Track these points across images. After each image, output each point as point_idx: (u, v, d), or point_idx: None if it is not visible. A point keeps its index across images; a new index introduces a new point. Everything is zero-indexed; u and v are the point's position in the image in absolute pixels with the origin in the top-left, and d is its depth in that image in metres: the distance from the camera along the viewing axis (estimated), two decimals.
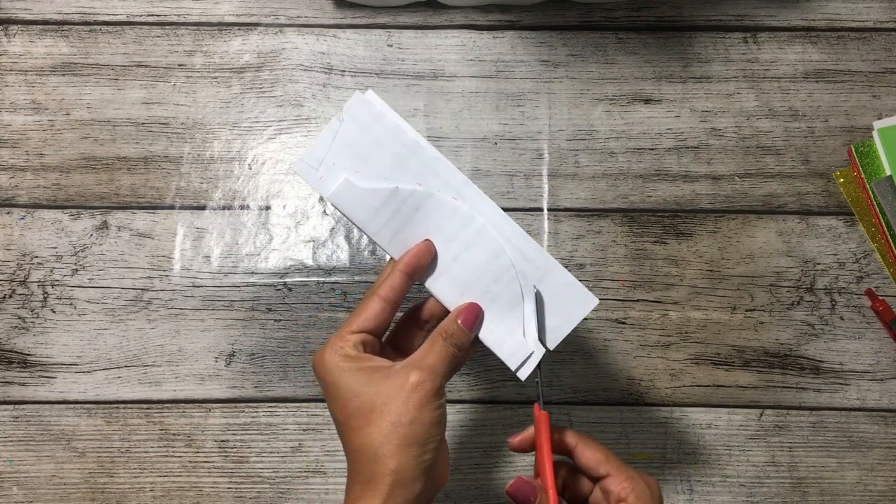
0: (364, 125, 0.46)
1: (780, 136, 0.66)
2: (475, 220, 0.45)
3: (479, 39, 0.67)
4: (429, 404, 0.40)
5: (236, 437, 0.61)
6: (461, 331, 0.44)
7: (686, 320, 0.63)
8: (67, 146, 0.65)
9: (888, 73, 0.66)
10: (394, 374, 0.41)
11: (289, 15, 0.68)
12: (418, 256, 0.45)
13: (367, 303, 0.44)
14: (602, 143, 0.65)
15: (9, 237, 0.64)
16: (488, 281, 0.46)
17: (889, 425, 0.61)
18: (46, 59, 0.67)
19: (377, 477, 0.39)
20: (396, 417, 0.40)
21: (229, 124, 0.66)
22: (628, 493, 0.43)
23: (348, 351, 0.42)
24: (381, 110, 0.46)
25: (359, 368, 0.41)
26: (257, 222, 0.64)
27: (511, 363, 0.46)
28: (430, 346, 0.43)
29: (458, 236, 0.46)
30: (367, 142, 0.46)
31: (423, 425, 0.40)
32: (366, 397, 0.41)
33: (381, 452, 0.39)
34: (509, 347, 0.45)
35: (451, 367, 0.43)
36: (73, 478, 0.61)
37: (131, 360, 0.62)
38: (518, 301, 0.45)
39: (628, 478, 0.43)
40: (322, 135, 0.46)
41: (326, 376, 0.42)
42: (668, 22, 0.68)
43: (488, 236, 0.45)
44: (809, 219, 0.64)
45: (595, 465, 0.44)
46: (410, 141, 0.46)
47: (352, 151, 0.46)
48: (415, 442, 0.40)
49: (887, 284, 0.63)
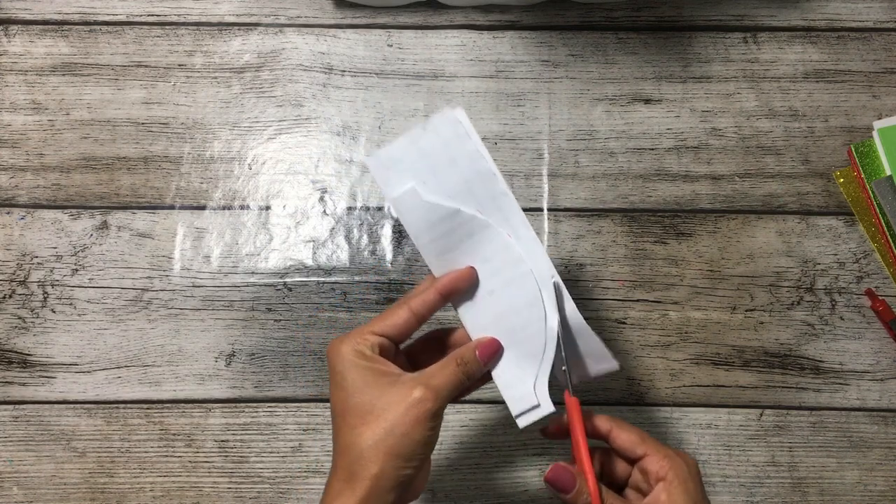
0: (446, 141, 0.45)
1: (780, 136, 0.66)
2: (523, 264, 0.45)
3: (479, 39, 0.67)
4: (424, 423, 0.41)
5: (236, 437, 0.61)
6: (476, 362, 0.44)
7: (686, 320, 0.63)
8: (67, 146, 0.65)
9: (888, 73, 0.66)
10: (399, 384, 0.42)
11: (289, 15, 0.68)
12: (458, 281, 0.45)
13: (396, 311, 0.44)
14: (602, 143, 0.65)
15: (9, 237, 0.64)
16: (517, 325, 0.45)
17: (889, 425, 0.61)
18: (46, 59, 0.67)
19: (357, 478, 0.40)
20: (390, 426, 0.40)
21: (229, 124, 0.66)
22: (667, 472, 0.43)
23: (364, 349, 0.43)
24: (466, 132, 0.45)
25: (369, 368, 0.42)
26: (257, 222, 0.64)
27: (514, 408, 0.45)
28: (442, 367, 0.43)
29: (502, 273, 0.46)
30: (444, 158, 0.46)
31: (413, 441, 0.40)
32: (367, 397, 0.41)
33: (367, 455, 0.40)
34: (517, 392, 0.45)
35: (456, 392, 0.43)
36: (73, 478, 0.61)
37: (131, 360, 0.62)
38: (539, 354, 0.45)
39: (665, 456, 0.43)
40: (402, 138, 0.46)
41: (337, 366, 0.43)
42: (668, 22, 0.68)
43: (530, 283, 0.45)
44: (809, 219, 0.64)
45: (631, 446, 0.44)
46: (486, 170, 0.45)
47: (426, 162, 0.46)
48: (401, 454, 0.40)
49: (887, 284, 0.63)
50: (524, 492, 0.61)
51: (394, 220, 0.65)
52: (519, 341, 0.45)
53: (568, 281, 0.63)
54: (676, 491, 0.42)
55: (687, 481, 0.43)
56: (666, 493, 0.42)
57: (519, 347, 0.45)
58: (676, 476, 0.43)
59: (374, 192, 0.65)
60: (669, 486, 0.43)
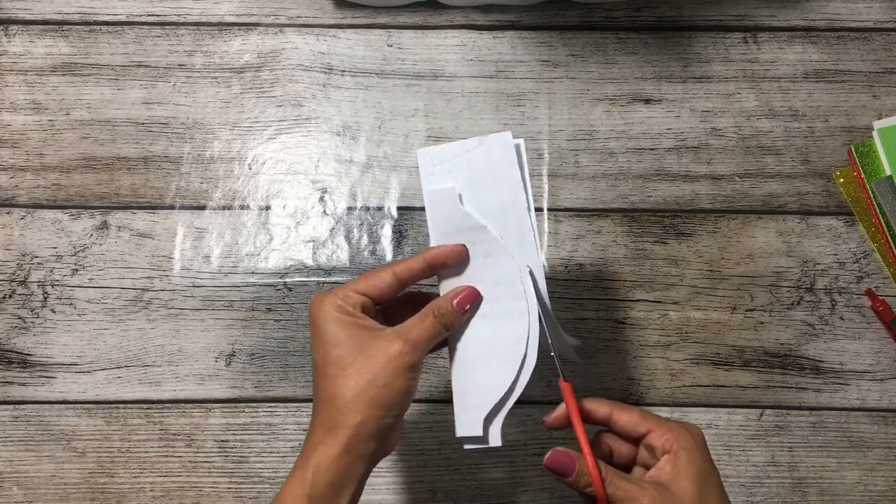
0: (495, 161, 0.46)
1: (780, 136, 0.66)
2: (524, 302, 0.45)
3: (479, 39, 0.67)
4: (404, 374, 0.42)
5: (236, 437, 0.61)
6: (454, 311, 0.45)
7: (686, 320, 0.63)
8: (67, 146, 0.65)
9: (888, 73, 0.66)
10: (380, 338, 0.43)
11: (289, 15, 0.68)
12: (446, 254, 0.46)
13: (380, 273, 0.45)
14: (602, 143, 0.65)
15: (9, 237, 0.64)
16: (497, 356, 0.45)
17: (889, 425, 0.61)
18: (46, 59, 0.67)
19: (339, 427, 0.41)
20: (372, 377, 0.41)
21: (229, 124, 0.66)
22: (672, 444, 0.43)
23: (346, 306, 0.44)
24: (517, 160, 0.46)
25: (351, 323, 0.43)
26: (257, 222, 0.64)
27: (460, 429, 0.46)
28: (420, 319, 0.44)
29: (501, 303, 0.46)
30: (489, 176, 0.46)
31: (394, 391, 0.42)
32: (348, 350, 0.42)
33: (349, 406, 0.41)
34: (468, 416, 0.45)
35: (433, 343, 0.44)
36: (73, 478, 0.61)
37: (131, 360, 0.62)
38: (504, 389, 0.45)
39: (669, 429, 0.43)
40: (456, 143, 0.47)
41: (319, 320, 0.44)
42: (668, 22, 0.68)
43: (523, 323, 0.45)
44: (809, 219, 0.64)
45: (633, 425, 0.44)
46: (522, 202, 0.46)
47: (470, 174, 0.47)
48: (382, 404, 0.41)
49: (887, 284, 0.63)
50: (524, 492, 0.61)
51: (394, 221, 0.65)
52: (492, 373, 0.45)
53: (568, 281, 0.63)
54: (682, 461, 0.42)
55: (692, 451, 0.43)
56: (671, 464, 0.42)
57: (490, 379, 0.45)
58: (681, 447, 0.43)
59: (374, 192, 0.65)
60: (675, 458, 0.42)
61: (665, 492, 0.41)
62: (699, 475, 0.42)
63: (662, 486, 0.42)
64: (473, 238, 0.46)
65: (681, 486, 0.42)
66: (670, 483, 0.42)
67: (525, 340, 0.45)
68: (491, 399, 0.45)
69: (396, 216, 0.65)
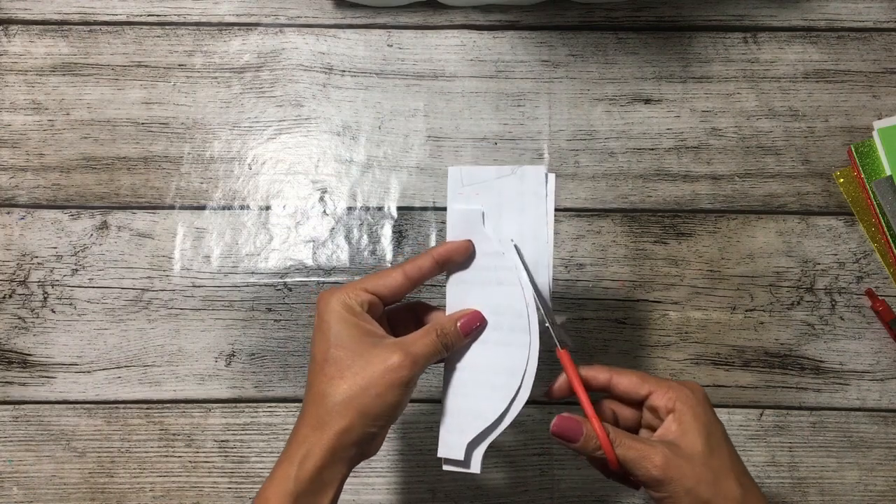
0: (524, 192, 0.46)
1: (780, 136, 0.66)
2: (527, 336, 0.45)
3: (479, 39, 0.67)
4: (398, 388, 0.42)
5: (236, 437, 0.61)
6: (456, 333, 0.45)
7: (686, 320, 0.63)
8: (67, 146, 0.65)
9: (888, 73, 0.66)
10: (381, 346, 0.43)
11: (289, 15, 0.68)
12: (454, 251, 0.46)
13: (391, 272, 0.45)
14: (602, 143, 0.65)
15: (9, 237, 0.64)
16: (491, 384, 0.45)
17: (889, 425, 0.61)
18: (46, 59, 0.67)
19: (325, 428, 0.41)
20: (366, 385, 0.41)
21: (229, 124, 0.66)
22: (674, 402, 0.43)
23: (353, 304, 0.44)
24: (547, 194, 0.46)
25: (355, 324, 0.43)
26: (257, 222, 0.64)
27: (442, 450, 0.46)
28: (423, 336, 0.44)
29: (504, 331, 0.46)
30: (515, 206, 0.46)
31: (384, 402, 0.42)
32: (348, 352, 0.42)
33: (338, 409, 0.41)
34: (452, 438, 0.46)
35: (432, 361, 0.44)
36: (73, 478, 0.61)
37: (131, 360, 0.62)
38: (492, 418, 0.45)
39: (669, 388, 0.44)
40: (490, 167, 0.47)
41: (324, 315, 0.44)
42: (668, 22, 0.68)
43: (522, 357, 0.45)
44: (809, 219, 0.64)
45: (634, 388, 0.45)
46: (544, 236, 0.46)
47: (497, 199, 0.47)
48: (370, 413, 0.41)
49: (887, 284, 0.63)
50: (524, 492, 0.61)
51: (394, 221, 0.65)
52: (482, 398, 0.45)
53: (568, 281, 0.63)
54: (686, 417, 0.43)
55: (695, 406, 0.43)
56: (677, 422, 0.43)
57: (482, 400, 0.45)
58: (684, 404, 0.43)
59: (374, 192, 0.65)
60: (679, 416, 0.43)
61: (675, 448, 0.42)
62: (705, 429, 0.43)
63: (671, 443, 0.42)
64: (489, 263, 0.46)
65: (689, 441, 0.42)
66: (678, 440, 0.42)
67: (521, 374, 0.45)
68: (478, 426, 0.45)
69: (396, 216, 0.65)
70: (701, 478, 0.41)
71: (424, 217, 0.65)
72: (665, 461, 0.41)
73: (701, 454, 0.42)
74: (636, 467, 0.42)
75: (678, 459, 0.41)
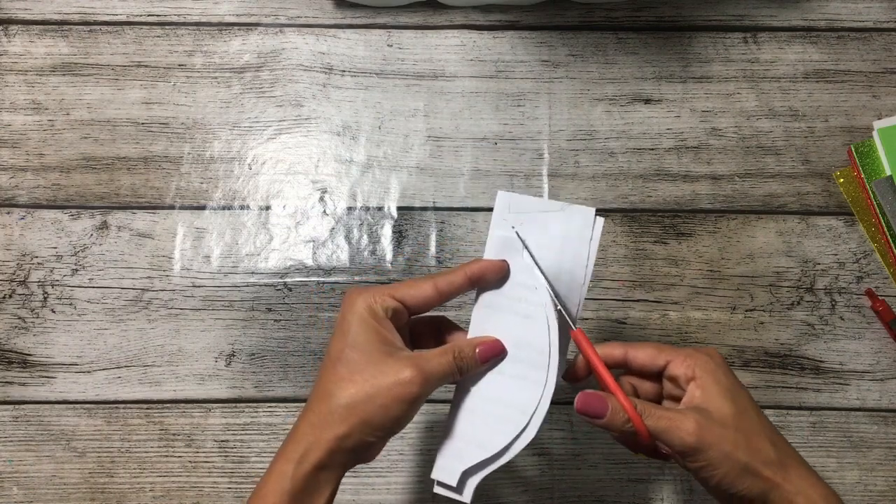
0: (570, 232, 0.46)
1: (780, 136, 0.66)
2: (544, 375, 0.44)
3: (479, 39, 0.67)
4: (405, 403, 0.41)
5: (236, 437, 0.61)
6: (473, 359, 0.44)
7: (686, 320, 0.63)
8: (67, 146, 0.65)
9: (888, 73, 0.66)
10: (395, 358, 0.42)
11: (289, 15, 0.68)
12: (488, 269, 0.45)
13: (421, 283, 0.45)
14: (602, 143, 0.65)
15: (9, 237, 0.64)
16: (497, 416, 0.45)
17: (889, 425, 0.61)
18: (46, 59, 0.67)
19: (326, 427, 0.41)
20: (373, 394, 0.41)
21: (229, 124, 0.66)
22: (693, 369, 0.43)
23: (378, 309, 0.43)
24: (591, 238, 0.46)
25: (374, 329, 0.42)
26: (257, 222, 0.64)
27: (437, 472, 0.45)
28: (439, 355, 0.43)
29: (522, 365, 0.45)
30: (557, 244, 0.46)
31: (387, 415, 0.41)
32: (362, 356, 0.42)
33: (340, 412, 0.41)
34: (448, 462, 0.45)
35: (444, 382, 0.44)
36: (73, 478, 0.61)
37: (131, 360, 0.62)
38: (492, 451, 0.44)
39: (687, 356, 0.43)
40: (540, 200, 0.46)
41: (346, 314, 0.43)
42: (668, 22, 0.68)
43: (535, 394, 0.44)
44: (809, 219, 0.64)
45: (651, 360, 0.44)
46: (580, 278, 0.46)
47: (540, 233, 0.46)
48: (372, 423, 0.41)
49: (887, 284, 0.63)
50: (524, 492, 0.61)
51: (394, 221, 0.65)
52: (489, 427, 0.45)
53: None
54: (709, 383, 0.42)
55: (716, 372, 0.43)
56: (700, 389, 0.42)
57: (481, 432, 0.45)
58: (704, 371, 0.42)
59: (374, 192, 0.65)
60: (701, 382, 0.42)
61: (705, 412, 0.41)
62: (729, 393, 0.42)
63: (700, 409, 0.41)
64: (521, 294, 0.46)
65: (716, 405, 0.41)
66: (705, 405, 0.42)
67: (531, 413, 0.44)
68: (477, 455, 0.44)
69: (396, 216, 0.65)
70: (736, 441, 0.40)
71: (424, 217, 0.65)
72: (698, 427, 0.40)
73: (731, 417, 0.41)
74: (669, 436, 0.41)
75: (711, 424, 0.40)
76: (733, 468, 0.40)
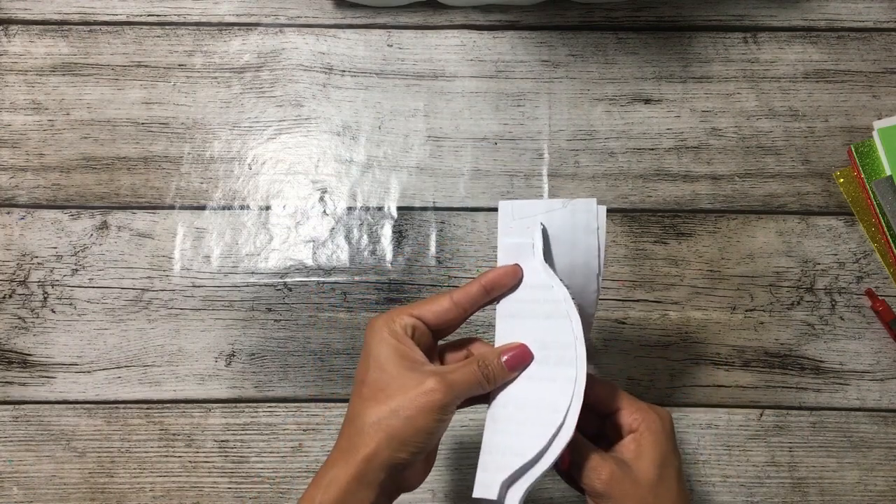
0: (576, 225, 0.46)
1: (780, 136, 0.66)
2: (574, 370, 0.42)
3: (479, 39, 0.67)
4: (430, 413, 0.40)
5: (236, 437, 0.61)
6: (499, 366, 0.43)
7: (686, 320, 0.63)
8: (67, 146, 0.65)
9: (888, 73, 0.66)
10: (418, 371, 0.42)
11: (289, 15, 0.68)
12: (502, 276, 0.45)
13: (438, 298, 0.44)
14: (602, 143, 0.65)
15: (9, 237, 0.64)
16: (532, 420, 0.43)
17: (889, 425, 0.61)
18: (46, 59, 0.67)
19: (353, 450, 0.40)
20: (396, 408, 0.40)
21: (229, 124, 0.66)
22: (639, 424, 0.43)
23: (396, 328, 0.43)
24: (598, 227, 0.46)
25: (395, 347, 0.42)
26: (257, 222, 0.64)
27: (477, 489, 0.42)
28: (464, 365, 0.43)
29: (550, 365, 0.43)
30: (566, 239, 0.46)
31: (414, 427, 0.40)
32: (385, 375, 0.42)
33: (366, 431, 0.40)
34: (488, 476, 0.42)
35: (471, 392, 0.43)
36: (73, 478, 0.61)
37: (131, 360, 0.62)
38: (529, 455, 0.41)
39: (638, 409, 0.43)
40: (540, 201, 0.46)
41: (369, 338, 0.43)
42: (668, 22, 0.68)
43: (567, 391, 0.42)
44: (809, 219, 0.64)
45: (605, 400, 0.44)
46: (593, 267, 0.46)
47: (549, 232, 0.46)
48: (398, 437, 0.40)
49: (887, 284, 0.63)
50: None
51: (394, 221, 0.65)
52: (524, 433, 0.42)
53: None
54: (646, 442, 0.42)
55: (658, 433, 0.43)
56: (636, 443, 0.43)
57: (521, 436, 0.42)
58: (648, 428, 0.43)
59: (374, 192, 0.65)
60: (640, 437, 0.43)
61: (625, 468, 0.42)
62: (661, 458, 0.42)
63: (624, 463, 0.42)
64: (538, 296, 0.45)
65: (641, 466, 0.42)
66: (632, 461, 0.42)
67: (565, 410, 0.42)
68: (515, 462, 0.41)
69: (396, 216, 0.65)
70: (642, 501, 0.41)
71: (424, 217, 0.65)
72: (610, 477, 0.41)
73: (650, 481, 0.41)
74: (583, 475, 0.42)
75: (625, 480, 0.41)
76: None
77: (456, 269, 0.64)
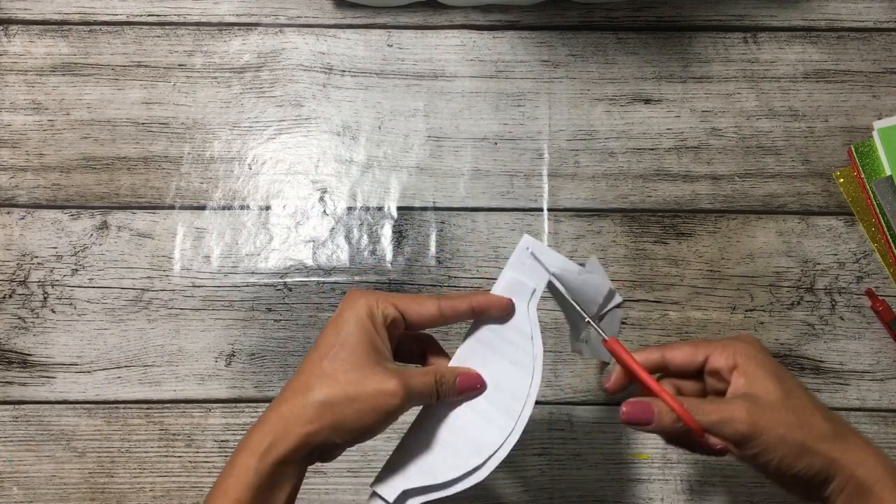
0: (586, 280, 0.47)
1: (780, 136, 0.66)
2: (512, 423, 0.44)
3: (479, 39, 0.67)
4: (381, 414, 0.41)
5: (236, 438, 0.61)
6: (453, 388, 0.44)
7: (686, 320, 0.63)
8: (67, 146, 0.65)
9: (888, 73, 0.66)
10: (383, 367, 0.42)
11: (289, 15, 0.68)
12: (493, 305, 0.46)
13: (426, 300, 0.44)
14: (602, 143, 0.65)
15: (9, 237, 0.64)
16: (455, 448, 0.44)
17: (889, 425, 0.61)
18: (46, 59, 0.67)
19: (296, 422, 0.40)
20: (352, 397, 0.40)
21: (229, 124, 0.66)
22: (734, 358, 0.42)
23: (377, 315, 0.42)
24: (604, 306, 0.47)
25: (369, 335, 0.42)
26: (257, 222, 0.64)
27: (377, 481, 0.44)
28: (423, 375, 0.43)
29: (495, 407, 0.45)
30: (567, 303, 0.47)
31: (361, 421, 0.41)
32: (349, 357, 0.41)
33: (316, 408, 0.40)
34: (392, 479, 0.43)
35: (421, 402, 0.44)
36: (73, 478, 0.61)
37: (131, 360, 0.62)
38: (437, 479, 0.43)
39: (724, 347, 0.43)
40: (563, 258, 0.47)
41: (346, 312, 0.43)
42: (668, 22, 0.68)
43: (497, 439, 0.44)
44: (809, 219, 0.64)
45: (689, 358, 0.44)
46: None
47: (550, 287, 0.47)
48: (342, 425, 0.40)
49: (887, 284, 0.63)
50: (524, 492, 0.61)
51: (394, 221, 0.65)
52: (443, 455, 0.44)
53: None
54: (751, 368, 0.42)
55: (757, 357, 0.42)
56: (744, 376, 0.42)
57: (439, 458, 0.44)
58: (745, 358, 0.42)
59: (374, 192, 0.65)
60: (743, 369, 0.42)
61: (753, 398, 0.41)
62: (774, 375, 0.42)
63: (747, 395, 0.41)
64: (514, 339, 0.46)
65: (763, 389, 0.41)
66: (752, 391, 0.41)
67: (487, 456, 0.43)
68: (422, 479, 0.43)
69: (396, 216, 0.65)
70: (789, 422, 0.40)
71: (424, 217, 0.65)
72: (749, 413, 0.40)
73: (779, 399, 0.40)
74: (722, 428, 0.40)
75: (761, 408, 0.40)
76: (790, 449, 0.40)
77: (456, 269, 0.64)
